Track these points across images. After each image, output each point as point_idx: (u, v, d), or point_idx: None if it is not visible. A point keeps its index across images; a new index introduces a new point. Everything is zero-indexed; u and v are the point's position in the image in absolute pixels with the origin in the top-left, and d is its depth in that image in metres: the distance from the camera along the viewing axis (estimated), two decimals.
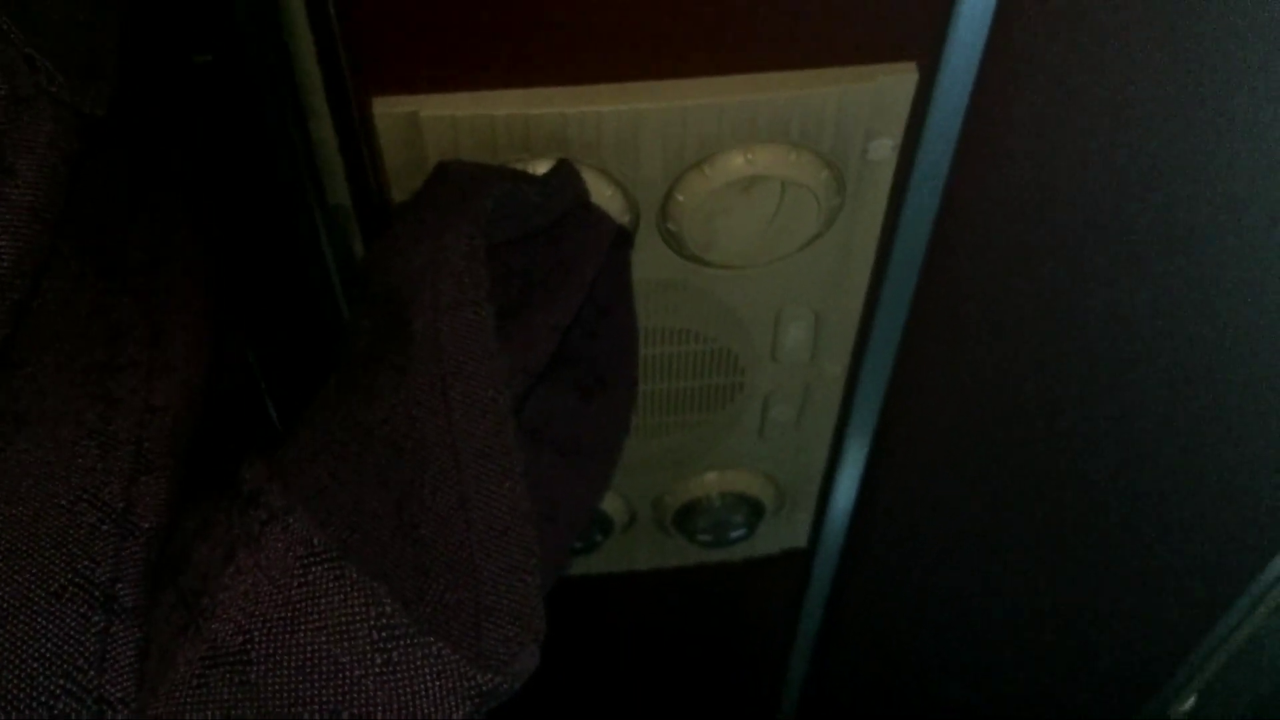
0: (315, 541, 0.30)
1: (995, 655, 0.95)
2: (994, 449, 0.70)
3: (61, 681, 0.27)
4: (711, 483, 0.64)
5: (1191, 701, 1.14)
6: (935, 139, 0.47)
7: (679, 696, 0.91)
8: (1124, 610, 0.93)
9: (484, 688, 0.31)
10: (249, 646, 0.29)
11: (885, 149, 0.46)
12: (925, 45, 0.44)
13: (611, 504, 0.65)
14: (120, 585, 0.29)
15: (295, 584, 0.30)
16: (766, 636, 0.82)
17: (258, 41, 0.43)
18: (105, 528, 0.29)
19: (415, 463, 0.32)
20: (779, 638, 0.82)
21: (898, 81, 0.44)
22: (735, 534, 0.67)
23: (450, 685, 0.30)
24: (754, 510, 0.66)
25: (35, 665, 0.27)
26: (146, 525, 0.30)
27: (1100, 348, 0.61)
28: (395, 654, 0.30)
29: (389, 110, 0.43)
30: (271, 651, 0.30)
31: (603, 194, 0.46)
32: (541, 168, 0.44)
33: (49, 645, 0.27)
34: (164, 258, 0.39)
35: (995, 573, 0.83)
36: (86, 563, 0.28)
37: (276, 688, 0.29)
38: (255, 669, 0.29)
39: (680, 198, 0.46)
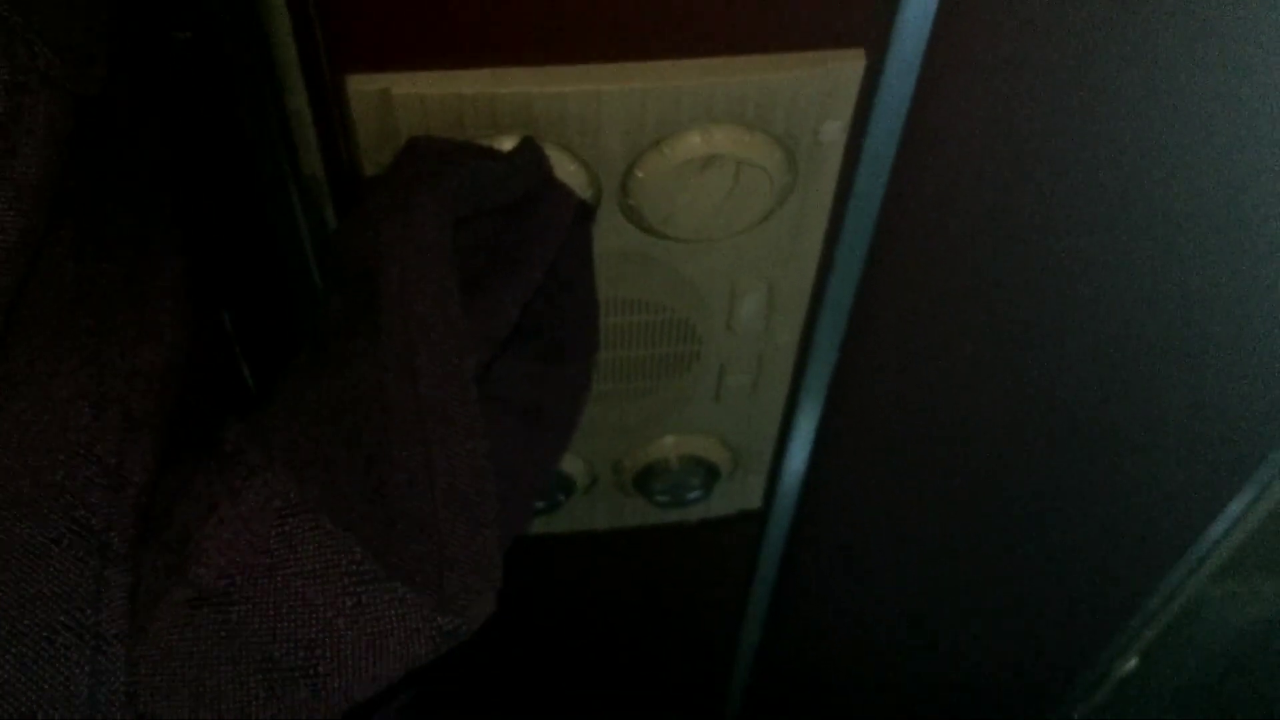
0: (291, 495, 0.33)
1: (942, 615, 0.99)
2: (941, 414, 0.73)
3: (61, 619, 0.29)
4: (669, 446, 0.67)
5: (1134, 663, 1.19)
6: (883, 121, 0.50)
7: (636, 653, 0.94)
8: (1068, 571, 0.97)
9: (445, 629, 0.34)
10: (230, 589, 0.32)
11: (835, 131, 0.48)
12: (874, 32, 0.46)
13: (573, 465, 0.68)
14: (113, 533, 0.31)
15: (273, 533, 0.33)
16: (722, 594, 0.85)
17: (234, 19, 0.45)
18: (99, 481, 0.31)
19: (383, 425, 0.35)
20: (734, 595, 0.85)
21: (847, 67, 0.46)
22: (692, 495, 0.70)
23: (414, 626, 0.33)
24: (710, 473, 0.69)
25: (37, 605, 0.29)
26: (136, 479, 0.32)
27: (1045, 315, 0.64)
28: (364, 597, 0.33)
29: (362, 88, 0.45)
30: (251, 593, 0.32)
31: (566, 169, 0.48)
32: (508, 144, 0.46)
33: (50, 586, 0.29)
34: (146, 227, 0.41)
35: (942, 534, 0.87)
36: (83, 512, 0.30)
37: (256, 625, 0.32)
38: (236, 609, 0.32)
39: (640, 174, 0.48)
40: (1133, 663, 1.17)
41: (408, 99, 0.45)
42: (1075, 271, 0.60)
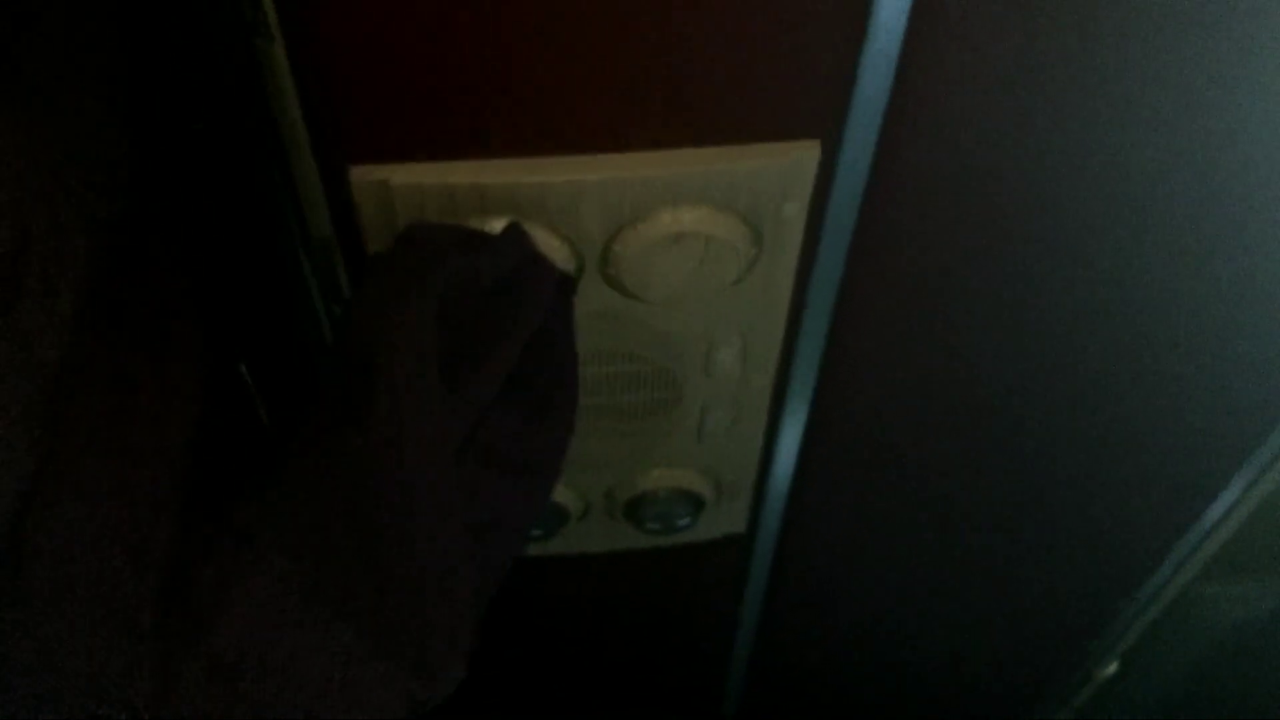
0: (294, 581, 0.38)
1: (927, 621, 1.03)
2: (916, 434, 0.77)
3: (102, 693, 0.34)
4: (657, 478, 0.72)
5: (1114, 666, 1.23)
6: (842, 198, 0.54)
7: (632, 667, 1.00)
8: (1049, 577, 1.01)
9: (418, 697, 0.39)
10: (240, 663, 0.37)
11: (795, 209, 0.53)
12: (828, 124, 0.51)
13: (567, 496, 0.73)
14: (142, 613, 0.36)
15: (275, 612, 0.38)
16: (713, 611, 0.90)
17: (245, 115, 0.50)
18: (128, 568, 0.36)
19: (375, 509, 0.40)
20: (725, 611, 0.90)
21: (803, 156, 0.51)
22: (680, 523, 0.75)
23: (395, 695, 0.39)
24: (695, 503, 0.74)
25: (82, 682, 0.34)
26: (159, 558, 0.37)
27: (1015, 331, 0.68)
28: (353, 673, 0.38)
29: (364, 178, 0.50)
30: (258, 666, 0.37)
31: (550, 245, 0.53)
32: (497, 225, 0.51)
33: (92, 665, 0.34)
34: (166, 302, 0.46)
35: (924, 544, 0.91)
36: (117, 596, 0.35)
37: (261, 695, 0.37)
38: (244, 681, 0.37)
39: (618, 249, 0.53)
40: (1114, 666, 1.21)
41: (405, 188, 0.50)
42: (1044, 287, 0.64)
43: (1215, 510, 0.91)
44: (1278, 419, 0.77)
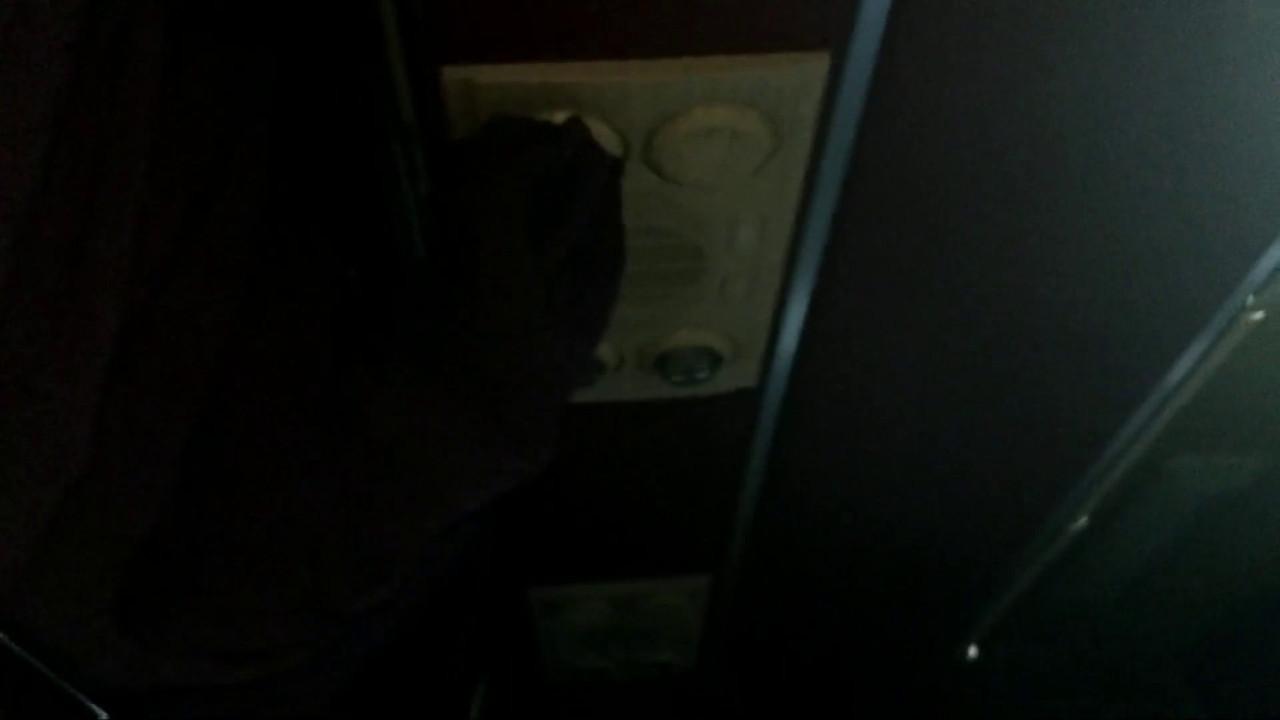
0: (418, 376, 0.50)
1: (914, 484, 1.16)
2: (905, 311, 0.89)
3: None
4: (682, 337, 0.84)
5: (1084, 520, 1.35)
6: (847, 100, 0.65)
7: (653, 508, 1.14)
8: (1025, 434, 1.12)
9: (523, 470, 0.52)
10: (393, 445, 0.50)
11: (808, 110, 0.64)
12: (837, 38, 0.61)
13: (604, 351, 0.85)
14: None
15: (409, 400, 0.50)
16: (725, 458, 1.04)
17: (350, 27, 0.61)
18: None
19: (483, 333, 0.52)
20: (736, 459, 1.04)
21: (815, 65, 0.62)
22: (700, 375, 0.87)
23: (508, 468, 0.51)
24: (714, 359, 0.86)
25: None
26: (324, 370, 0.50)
27: (1014, 212, 0.78)
28: (478, 450, 0.51)
29: (453, 76, 0.61)
30: (400, 445, 0.50)
31: (603, 134, 0.64)
32: (561, 117, 0.62)
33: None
34: (310, 216, 0.57)
35: (911, 410, 1.04)
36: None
37: (403, 469, 0.50)
38: (391, 459, 0.50)
39: (659, 139, 0.64)
40: (1083, 520, 1.33)
41: (488, 86, 0.61)
42: (1023, 183, 0.75)
43: (1172, 377, 0.99)
44: (1224, 295, 0.87)
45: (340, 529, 0.48)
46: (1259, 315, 0.92)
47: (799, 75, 0.62)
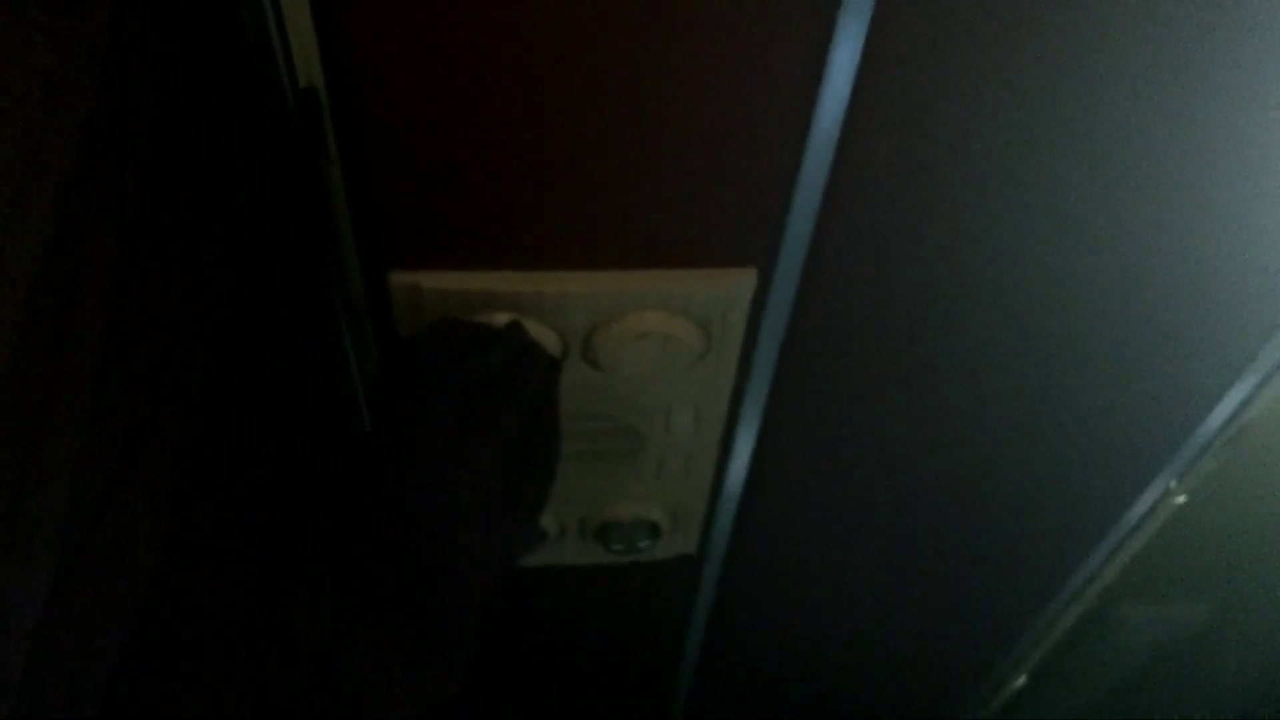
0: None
1: (852, 641, 1.17)
2: (840, 483, 0.92)
3: None
4: (622, 509, 0.86)
5: (1023, 679, 1.35)
6: (776, 306, 0.69)
7: (587, 676, 1.14)
8: (969, 582, 1.13)
9: (434, 696, 0.53)
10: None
11: (738, 315, 0.68)
12: (763, 255, 0.65)
13: (547, 521, 0.87)
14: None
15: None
16: (666, 620, 1.05)
17: (306, 222, 0.64)
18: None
19: (409, 557, 0.54)
20: (677, 621, 1.05)
21: (743, 279, 0.66)
22: (641, 545, 0.89)
23: (417, 696, 0.52)
24: (653, 529, 0.88)
25: None
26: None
27: (947, 380, 0.82)
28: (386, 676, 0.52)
29: (400, 280, 0.64)
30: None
31: (543, 335, 0.67)
32: (502, 318, 0.65)
33: None
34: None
35: (846, 570, 1.06)
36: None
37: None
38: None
39: (597, 340, 0.68)
40: (1022, 679, 1.34)
41: (432, 291, 0.64)
42: (956, 360, 0.79)
43: (1122, 527, 1.01)
44: (1180, 440, 0.90)
45: None
46: (1181, 499, 0.96)
47: (728, 288, 0.66)
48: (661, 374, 0.71)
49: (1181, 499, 0.95)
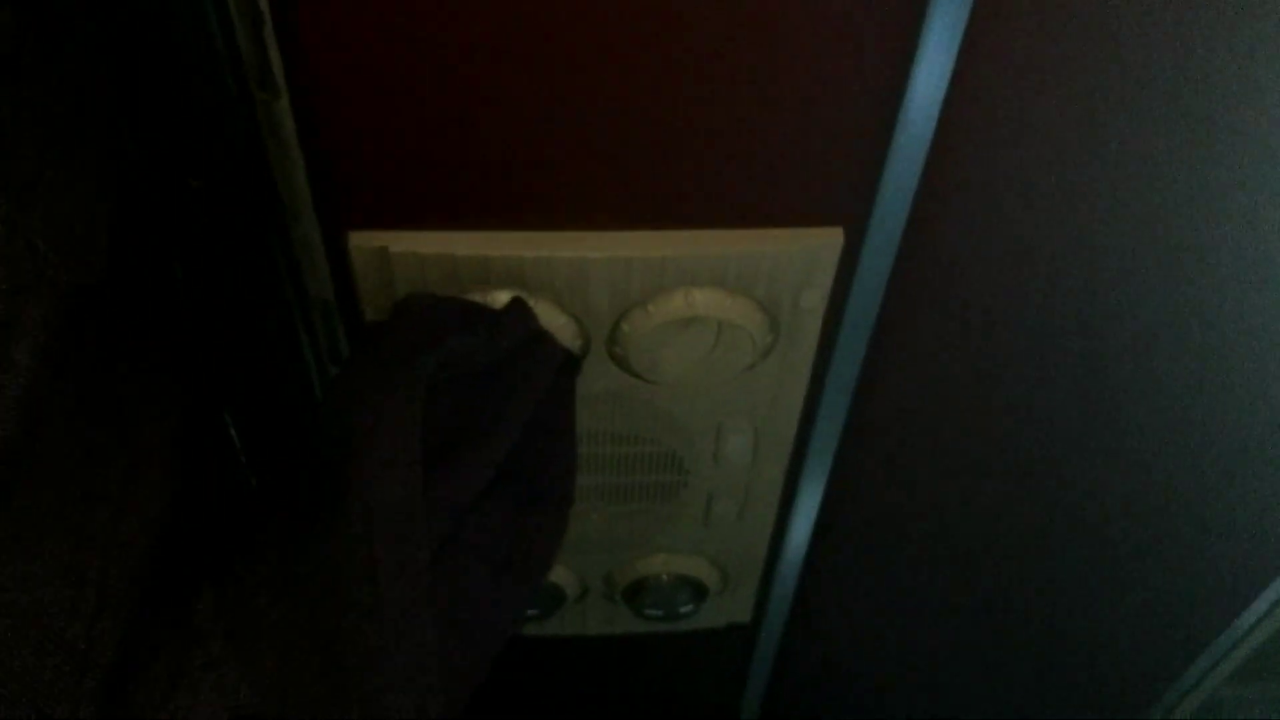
0: (241, 694, 0.35)
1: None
2: (931, 532, 0.74)
3: None
4: (659, 564, 0.69)
5: None
6: (864, 290, 0.52)
7: None
8: (1065, 680, 0.97)
9: None
10: None
11: (815, 298, 0.50)
12: (853, 213, 0.48)
13: (564, 577, 0.70)
14: (80, 711, 0.33)
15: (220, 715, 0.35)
16: (713, 702, 0.87)
17: (249, 173, 0.48)
18: (67, 668, 0.33)
19: (342, 610, 0.37)
20: (725, 703, 0.87)
21: (825, 244, 0.48)
22: (683, 610, 0.72)
23: None
24: (698, 591, 0.70)
25: None
26: (103, 661, 0.35)
27: (1036, 435, 0.65)
28: None
29: (362, 244, 0.48)
30: None
31: (556, 322, 0.50)
32: (501, 297, 0.49)
33: None
34: (146, 381, 0.43)
35: (932, 644, 0.88)
36: (49, 701, 0.32)
37: None
38: None
39: (626, 329, 0.51)
40: None
41: (404, 256, 0.48)
42: (1068, 384, 0.61)
43: (1246, 618, 0.87)
44: None
45: None
46: None
47: (804, 256, 0.49)
48: (712, 378, 0.54)
49: None
